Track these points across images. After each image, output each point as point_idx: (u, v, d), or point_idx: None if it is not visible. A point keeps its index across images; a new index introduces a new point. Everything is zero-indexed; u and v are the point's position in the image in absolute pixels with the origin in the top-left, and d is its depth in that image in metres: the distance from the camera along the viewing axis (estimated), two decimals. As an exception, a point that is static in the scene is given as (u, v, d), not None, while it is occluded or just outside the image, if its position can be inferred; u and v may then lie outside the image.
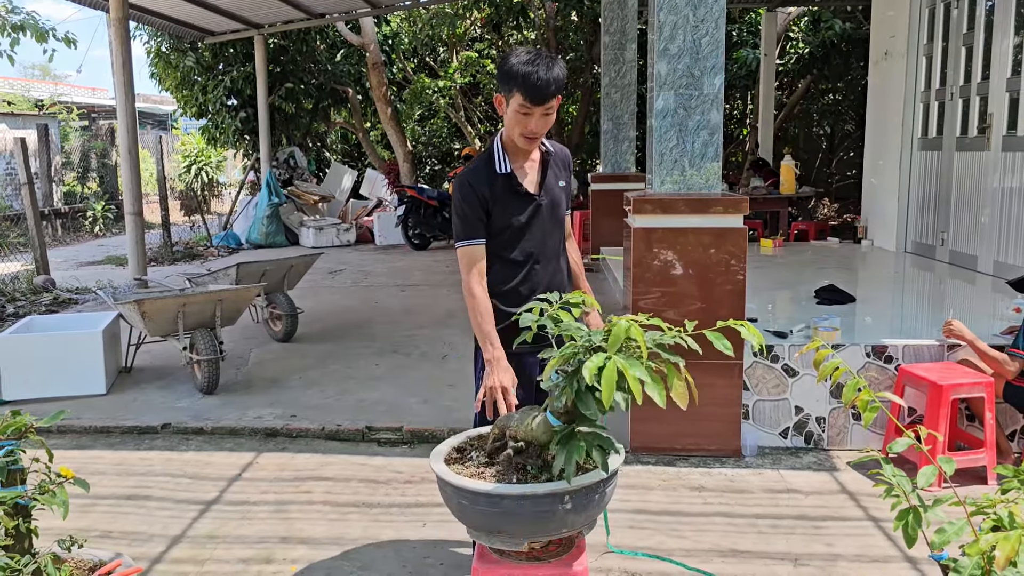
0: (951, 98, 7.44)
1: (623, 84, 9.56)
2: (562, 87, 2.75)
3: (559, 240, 3.04)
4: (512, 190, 2.88)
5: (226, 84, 14.49)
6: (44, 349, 5.62)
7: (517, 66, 2.68)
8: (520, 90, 2.69)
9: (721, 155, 4.49)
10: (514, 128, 2.78)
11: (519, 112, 2.73)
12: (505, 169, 2.87)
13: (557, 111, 2.82)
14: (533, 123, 2.74)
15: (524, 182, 2.91)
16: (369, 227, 14.28)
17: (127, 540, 3.61)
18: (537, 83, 2.66)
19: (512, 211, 2.89)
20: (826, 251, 8.76)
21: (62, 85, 25.93)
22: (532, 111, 2.71)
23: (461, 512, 2.22)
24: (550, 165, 2.95)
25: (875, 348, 4.55)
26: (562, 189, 2.99)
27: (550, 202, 2.94)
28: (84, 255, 13.84)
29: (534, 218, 2.91)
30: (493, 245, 2.90)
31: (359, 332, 7.36)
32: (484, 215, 2.87)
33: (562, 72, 2.74)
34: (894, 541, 3.56)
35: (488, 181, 2.86)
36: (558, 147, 3.05)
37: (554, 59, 2.74)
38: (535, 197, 2.91)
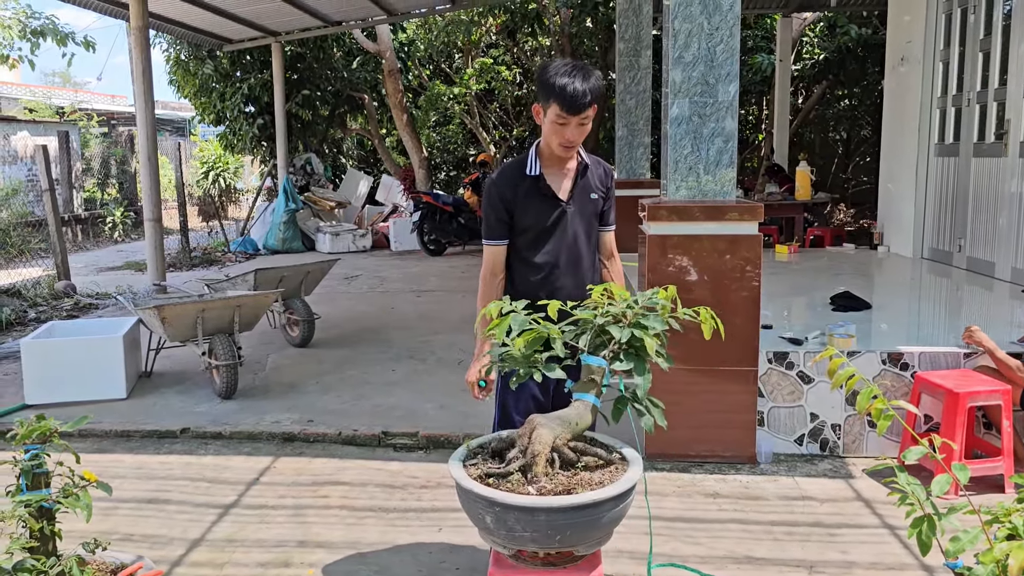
0: (968, 104, 7.41)
1: (638, 90, 9.58)
2: (598, 97, 2.83)
3: (587, 252, 3.07)
4: (538, 192, 2.96)
5: (244, 91, 14.62)
6: (66, 354, 5.70)
7: (554, 77, 2.77)
8: (557, 101, 2.78)
9: (736, 162, 4.51)
10: (552, 137, 2.88)
11: (556, 122, 2.82)
12: (534, 171, 2.96)
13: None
14: (569, 132, 2.84)
15: (554, 186, 2.98)
16: (385, 233, 14.35)
17: (148, 543, 3.66)
18: (573, 94, 2.75)
19: (536, 212, 2.96)
20: (842, 257, 8.73)
21: (82, 92, 26.22)
22: (568, 121, 2.81)
23: None
24: (585, 176, 3.01)
25: (891, 355, 4.55)
26: (593, 202, 3.03)
27: (578, 211, 3.00)
28: (104, 260, 13.98)
29: (559, 223, 2.98)
30: (517, 245, 3.01)
31: (375, 337, 7.41)
32: (506, 216, 2.98)
33: (598, 83, 2.82)
34: (909, 549, 3.55)
35: (514, 183, 2.97)
36: (601, 163, 3.11)
37: (590, 70, 2.83)
38: (561, 202, 2.97)
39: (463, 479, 2.27)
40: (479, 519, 2.26)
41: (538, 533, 2.16)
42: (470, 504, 2.26)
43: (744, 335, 4.43)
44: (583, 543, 2.25)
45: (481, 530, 2.34)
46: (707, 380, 4.48)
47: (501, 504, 2.15)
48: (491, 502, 2.17)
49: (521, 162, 3.00)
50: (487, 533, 2.30)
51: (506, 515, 2.16)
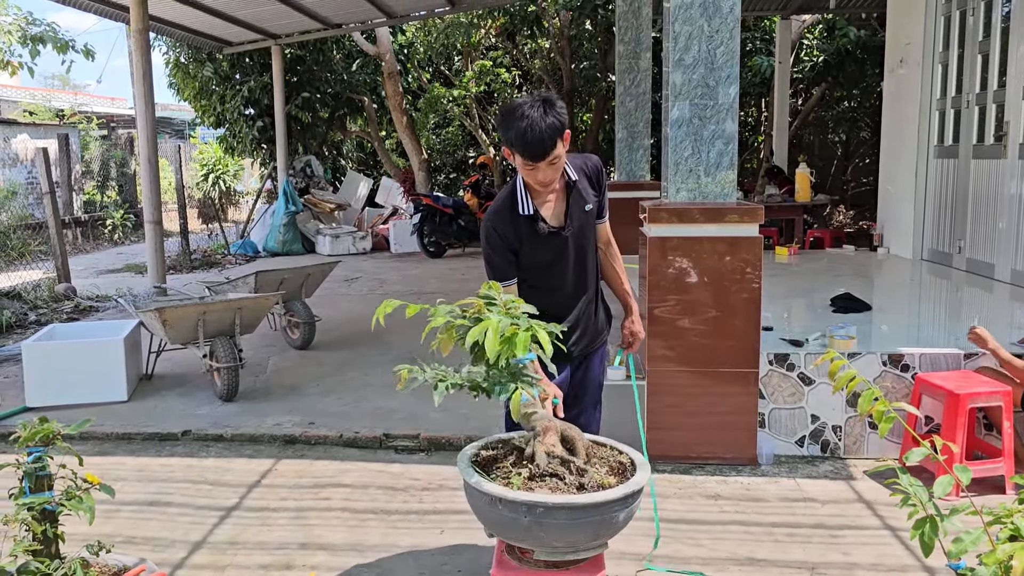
0: (967, 106, 7.42)
1: (637, 93, 9.59)
2: (562, 129, 2.72)
3: (591, 260, 3.08)
4: (537, 231, 2.90)
5: (243, 94, 14.63)
6: (67, 357, 5.70)
7: (512, 123, 2.67)
8: (519, 151, 2.72)
9: (736, 164, 4.52)
10: (526, 178, 2.83)
11: (525, 168, 2.77)
12: (528, 211, 2.88)
13: (570, 119, 2.88)
14: (541, 175, 2.78)
15: (548, 217, 2.93)
16: (385, 235, 14.36)
17: (149, 546, 3.67)
18: (532, 142, 2.67)
19: (538, 250, 2.93)
20: (842, 259, 8.74)
21: (82, 95, 26.24)
22: (537, 166, 2.74)
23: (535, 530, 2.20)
24: (575, 191, 2.95)
25: (891, 357, 4.55)
26: (588, 213, 3.00)
27: (577, 230, 2.97)
28: (104, 263, 13.99)
29: (562, 253, 2.95)
30: (524, 277, 2.97)
31: (376, 340, 7.40)
32: (513, 257, 2.93)
33: (558, 116, 2.70)
34: (911, 550, 3.55)
35: (512, 222, 2.90)
36: (588, 162, 3.04)
37: (550, 103, 2.70)
38: (560, 231, 2.93)
39: (469, 476, 2.27)
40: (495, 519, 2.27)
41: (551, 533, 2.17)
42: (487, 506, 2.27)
43: (745, 337, 4.44)
44: (589, 544, 2.25)
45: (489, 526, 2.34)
46: (708, 382, 4.48)
47: (542, 505, 2.15)
48: (530, 504, 2.16)
49: (511, 200, 2.91)
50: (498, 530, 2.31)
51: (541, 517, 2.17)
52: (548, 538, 2.18)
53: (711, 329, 4.44)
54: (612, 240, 3.23)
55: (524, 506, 2.14)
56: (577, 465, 2.29)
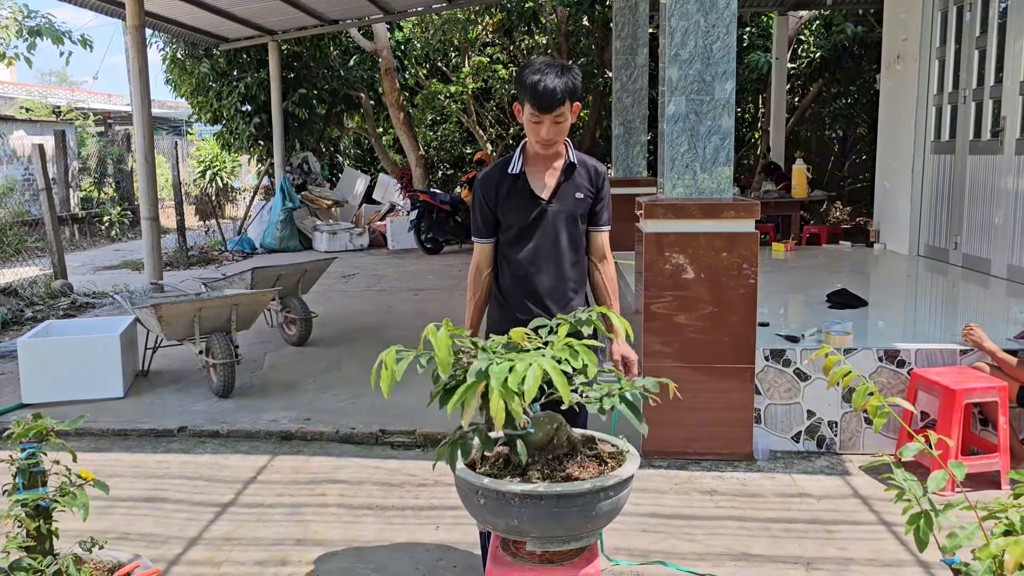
0: (964, 101, 7.42)
1: (634, 89, 9.57)
2: (574, 94, 2.80)
3: (570, 252, 3.01)
4: (519, 191, 2.96)
5: (240, 90, 14.60)
6: (63, 353, 5.69)
7: (528, 76, 2.76)
8: (529, 99, 2.77)
9: (732, 160, 4.51)
10: (530, 135, 2.88)
11: (531, 121, 2.82)
12: (516, 170, 2.96)
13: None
14: (544, 131, 2.81)
15: (536, 185, 2.97)
16: (382, 231, 14.35)
17: (145, 542, 3.66)
18: (544, 92, 2.72)
19: (517, 211, 2.96)
20: (838, 255, 8.75)
21: (79, 91, 26.17)
22: (542, 119, 2.80)
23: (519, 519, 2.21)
24: (571, 176, 2.98)
25: (887, 352, 4.55)
26: (579, 201, 2.97)
27: (561, 210, 2.95)
28: (101, 260, 13.97)
29: (539, 221, 2.96)
30: (501, 242, 3.04)
31: (372, 336, 7.40)
32: (491, 215, 2.99)
33: (573, 80, 2.78)
34: (906, 545, 3.56)
35: (497, 182, 2.97)
36: (592, 163, 3.05)
37: (568, 68, 2.79)
38: (542, 201, 2.95)
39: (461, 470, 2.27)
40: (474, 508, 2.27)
41: (531, 522, 2.17)
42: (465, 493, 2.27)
43: (741, 333, 4.44)
44: (571, 535, 2.25)
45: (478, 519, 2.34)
46: (704, 378, 4.48)
47: (496, 491, 2.15)
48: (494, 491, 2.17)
49: (506, 161, 3.00)
50: (482, 521, 2.31)
51: (501, 503, 2.17)
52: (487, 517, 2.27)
53: (707, 325, 4.44)
54: (609, 258, 3.11)
55: (478, 488, 2.21)
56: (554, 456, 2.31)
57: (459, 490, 2.35)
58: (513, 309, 3.02)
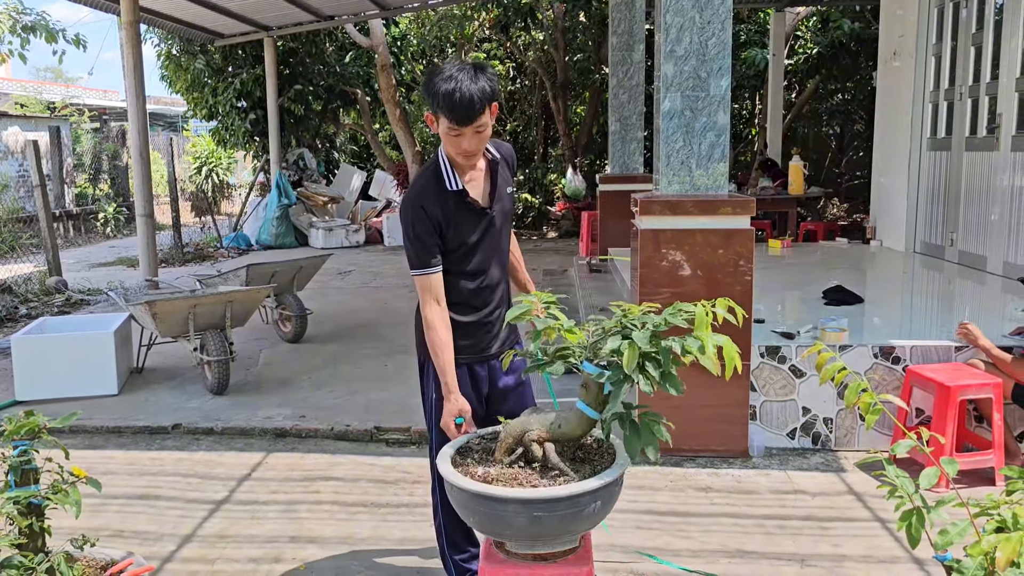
0: (960, 98, 7.42)
1: (631, 85, 9.56)
2: (493, 97, 2.57)
3: (506, 246, 2.94)
4: (465, 207, 2.72)
5: (236, 86, 14.55)
6: (57, 350, 5.67)
7: (438, 83, 2.51)
8: (444, 112, 2.52)
9: (728, 156, 4.51)
10: (449, 148, 2.64)
11: (449, 134, 2.57)
12: (456, 186, 2.69)
13: (564, 111, 2.81)
14: (466, 143, 2.59)
15: (475, 195, 2.75)
16: (378, 228, 14.33)
17: (138, 539, 3.65)
18: (460, 103, 2.48)
19: (466, 229, 2.75)
20: (835, 252, 8.75)
21: (74, 87, 26.08)
22: (462, 132, 2.55)
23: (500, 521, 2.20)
24: (498, 172, 2.80)
25: (883, 349, 4.55)
26: (509, 196, 2.87)
27: (500, 211, 2.82)
28: (96, 256, 13.93)
29: (487, 233, 2.79)
30: (447, 262, 2.77)
31: (368, 333, 7.39)
32: (438, 238, 2.71)
33: (490, 82, 2.55)
34: (900, 542, 3.56)
35: (440, 201, 2.69)
36: (503, 148, 2.88)
37: (481, 69, 2.56)
38: (487, 211, 2.77)
39: (450, 474, 2.26)
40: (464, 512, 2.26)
41: (511, 527, 2.16)
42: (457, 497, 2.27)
43: (736, 329, 4.41)
44: (554, 537, 2.25)
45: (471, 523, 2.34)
46: (699, 374, 4.44)
47: (487, 497, 2.15)
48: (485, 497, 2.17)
49: (436, 175, 2.71)
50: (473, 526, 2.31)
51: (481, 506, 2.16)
52: (469, 518, 2.27)
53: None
54: None
55: (454, 486, 2.20)
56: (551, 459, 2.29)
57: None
58: (465, 317, 2.86)
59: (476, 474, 2.28)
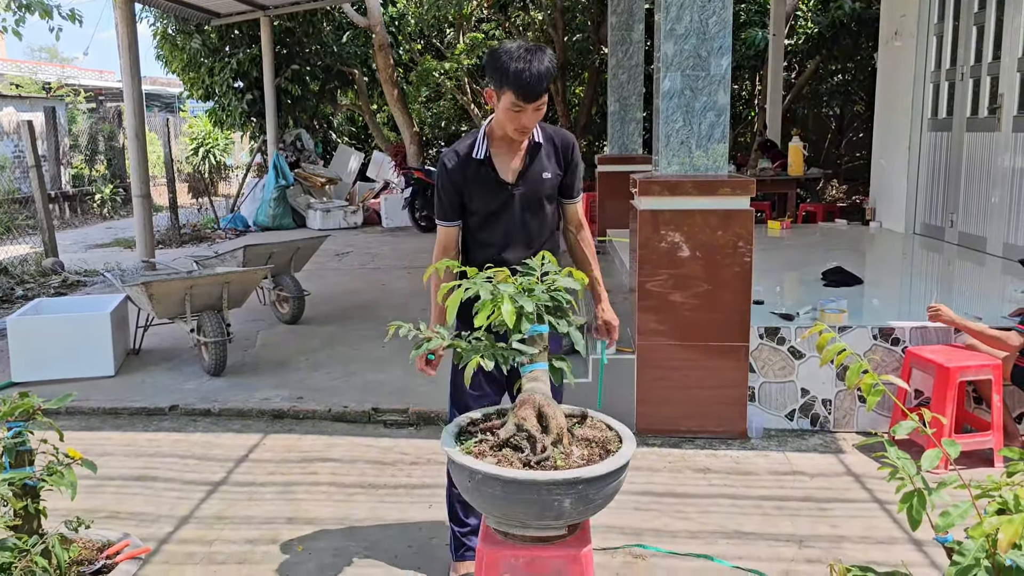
0: (961, 78, 7.37)
1: (630, 65, 9.50)
2: (552, 79, 2.75)
3: (540, 230, 2.98)
4: (485, 177, 2.88)
5: (232, 66, 14.45)
6: (53, 331, 5.65)
7: (508, 63, 2.67)
8: (512, 89, 2.68)
9: (728, 137, 4.47)
10: (507, 124, 2.80)
11: (511, 110, 2.73)
12: (480, 155, 2.88)
13: (564, 93, 2.82)
14: (525, 119, 2.75)
15: (502, 169, 2.89)
16: (376, 209, 14.27)
17: (135, 521, 3.64)
18: (529, 81, 2.65)
19: (484, 198, 2.90)
20: (834, 233, 8.72)
21: (69, 68, 25.91)
22: (524, 108, 2.71)
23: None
24: (538, 156, 2.92)
25: (882, 330, 4.54)
26: (545, 181, 2.93)
27: (528, 192, 2.91)
28: (92, 237, 13.88)
29: (507, 206, 2.91)
30: (468, 225, 2.97)
31: (366, 314, 7.37)
32: (458, 199, 2.91)
33: (552, 65, 2.73)
34: (899, 523, 3.56)
35: (463, 166, 2.88)
36: (559, 135, 2.98)
37: (543, 52, 2.72)
38: (508, 186, 2.89)
39: (457, 456, 2.23)
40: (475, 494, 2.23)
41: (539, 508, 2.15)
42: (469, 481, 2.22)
43: (736, 310, 4.41)
44: (540, 522, 2.23)
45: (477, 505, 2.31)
46: (698, 355, 4.46)
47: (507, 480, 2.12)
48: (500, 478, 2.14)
49: (470, 144, 2.90)
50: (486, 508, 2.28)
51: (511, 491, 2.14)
52: (488, 506, 2.22)
53: (702, 303, 4.42)
54: (585, 224, 3.13)
55: (466, 470, 2.17)
56: (543, 444, 2.26)
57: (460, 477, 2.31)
58: None
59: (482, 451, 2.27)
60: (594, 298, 3.14)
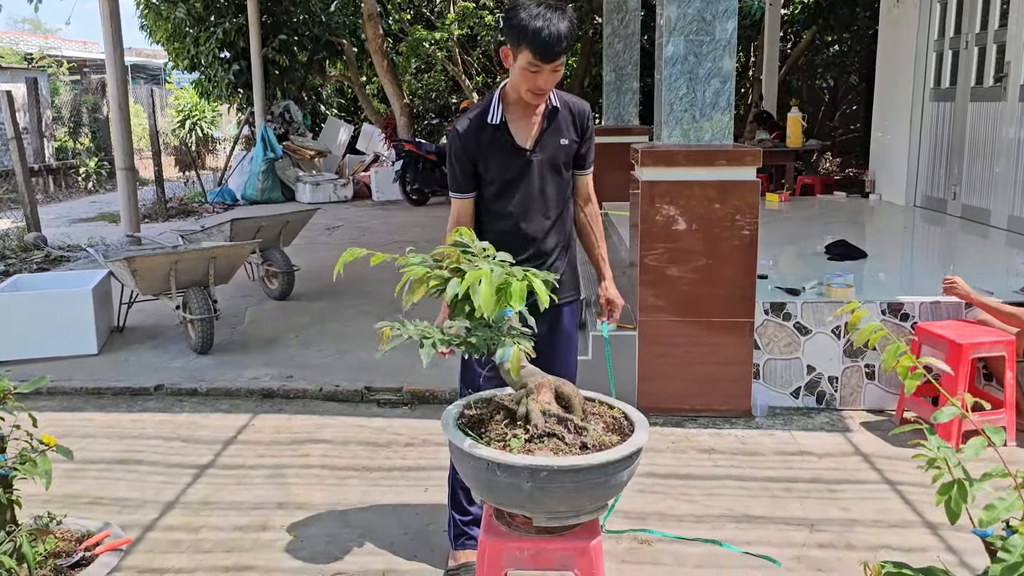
0: (966, 46, 7.19)
1: (626, 33, 9.26)
2: (573, 40, 2.62)
3: (557, 198, 2.85)
4: (501, 143, 2.75)
5: (218, 36, 14.13)
6: (33, 308, 5.45)
7: (526, 20, 2.54)
8: (530, 47, 2.54)
9: (733, 104, 4.29)
10: (521, 84, 2.66)
11: (527, 70, 2.59)
12: (496, 120, 2.74)
13: None
14: (542, 80, 2.61)
15: (518, 135, 2.76)
16: (366, 182, 14.04)
17: (118, 507, 3.49)
18: (548, 40, 2.52)
19: (501, 165, 2.77)
20: (833, 206, 8.58)
21: (52, 39, 25.39)
22: (541, 68, 2.58)
23: None
24: (555, 120, 2.78)
25: (891, 305, 4.40)
26: (563, 147, 2.80)
27: (545, 159, 2.78)
28: (77, 212, 13.61)
29: (524, 174, 2.78)
30: (484, 196, 2.84)
31: (357, 290, 7.19)
32: (471, 168, 2.78)
33: (572, 25, 2.61)
34: (912, 505, 3.44)
35: (477, 133, 2.75)
36: (575, 102, 2.86)
37: (564, 11, 2.59)
38: (526, 152, 2.76)
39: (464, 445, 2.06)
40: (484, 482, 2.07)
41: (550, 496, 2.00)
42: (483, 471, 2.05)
43: (740, 285, 4.27)
44: (593, 507, 2.09)
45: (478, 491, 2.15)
46: (702, 332, 4.32)
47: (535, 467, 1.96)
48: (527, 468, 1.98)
49: (483, 109, 2.76)
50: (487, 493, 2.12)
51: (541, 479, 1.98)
52: (552, 503, 2.02)
53: (705, 277, 4.27)
54: (593, 199, 3.01)
55: (526, 470, 1.95)
56: (575, 423, 2.12)
57: (459, 464, 2.15)
58: None
59: None
60: (597, 276, 3.01)
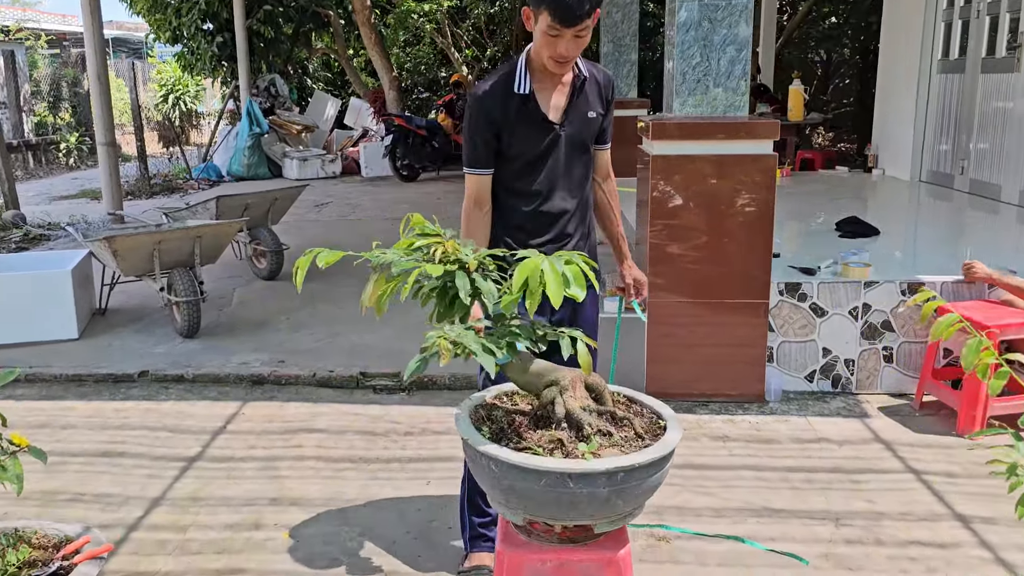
0: (977, 16, 6.97)
1: (624, 3, 9.00)
2: (598, 3, 2.36)
3: (582, 174, 2.65)
4: (529, 115, 2.51)
5: (201, 7, 13.73)
6: (9, 290, 5.20)
7: None
8: (549, 9, 2.32)
9: (749, 73, 4.07)
10: (542, 50, 2.43)
11: (547, 34, 2.36)
12: (524, 89, 2.50)
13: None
14: (563, 46, 2.38)
15: (545, 106, 2.53)
16: (355, 158, 13.75)
17: (100, 504, 3.27)
18: (569, 2, 2.29)
19: (527, 139, 2.53)
20: (835, 181, 8.39)
21: (31, 11, 24.76)
22: (562, 33, 2.34)
23: None
24: (583, 92, 2.56)
25: (911, 285, 4.21)
26: (591, 121, 2.59)
27: (574, 132, 2.57)
28: (58, 189, 13.26)
29: (552, 149, 2.55)
30: (504, 174, 2.58)
31: (350, 269, 6.86)
32: (494, 141, 2.54)
33: None
34: (939, 496, 3.28)
35: (502, 102, 2.51)
36: (600, 71, 2.65)
37: None
38: (555, 126, 2.54)
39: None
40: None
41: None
42: None
43: (754, 265, 4.07)
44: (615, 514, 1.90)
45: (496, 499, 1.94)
46: (713, 313, 4.13)
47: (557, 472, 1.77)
48: None
49: (508, 76, 2.52)
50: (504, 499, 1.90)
51: None
52: (623, 505, 1.84)
53: (718, 256, 4.06)
54: (612, 175, 2.81)
55: (603, 476, 1.75)
56: (613, 413, 1.94)
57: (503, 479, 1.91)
58: (528, 237, 2.57)
59: None
60: (617, 255, 2.80)
